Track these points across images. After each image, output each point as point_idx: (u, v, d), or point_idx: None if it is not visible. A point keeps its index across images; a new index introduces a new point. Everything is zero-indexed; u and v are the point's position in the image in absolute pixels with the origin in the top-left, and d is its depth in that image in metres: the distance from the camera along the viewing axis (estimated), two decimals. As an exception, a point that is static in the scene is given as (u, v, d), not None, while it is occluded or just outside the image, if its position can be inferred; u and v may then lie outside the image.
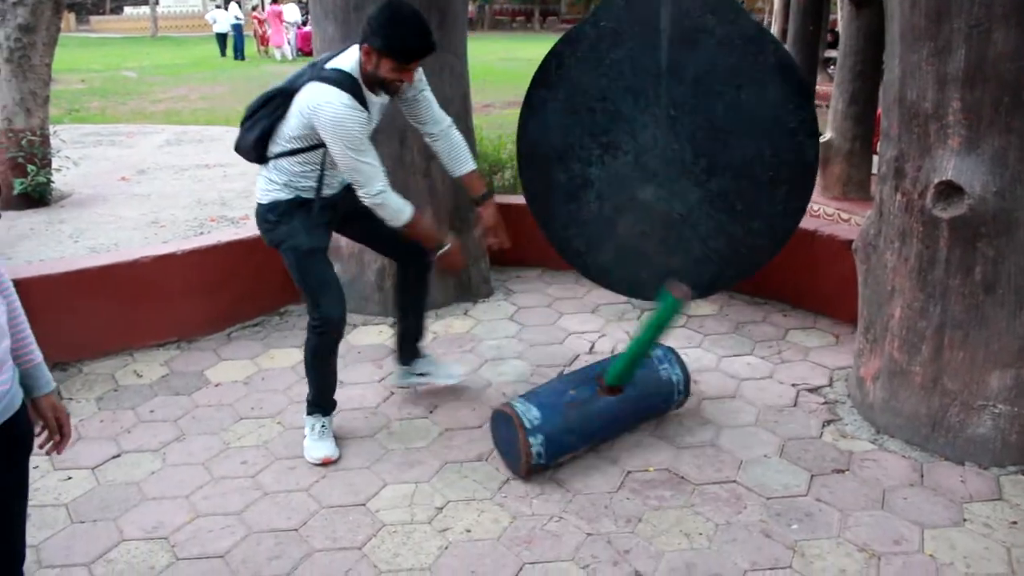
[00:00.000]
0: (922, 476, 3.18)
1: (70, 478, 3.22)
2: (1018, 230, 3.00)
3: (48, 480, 3.20)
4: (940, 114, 3.07)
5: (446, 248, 3.31)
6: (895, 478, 3.16)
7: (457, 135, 3.46)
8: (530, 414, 3.09)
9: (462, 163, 3.47)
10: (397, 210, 3.12)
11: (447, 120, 3.43)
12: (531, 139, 4.02)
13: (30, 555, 2.76)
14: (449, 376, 3.85)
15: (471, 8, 42.80)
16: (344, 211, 3.34)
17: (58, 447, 2.07)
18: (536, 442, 3.05)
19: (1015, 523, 2.88)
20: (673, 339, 4.44)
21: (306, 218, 3.22)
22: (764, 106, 3.55)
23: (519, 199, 5.75)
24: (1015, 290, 3.06)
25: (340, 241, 4.84)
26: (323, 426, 3.41)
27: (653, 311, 3.23)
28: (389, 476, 3.23)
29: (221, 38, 27.96)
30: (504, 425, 3.18)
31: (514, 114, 4.00)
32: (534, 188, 4.10)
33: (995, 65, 2.90)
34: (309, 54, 19.92)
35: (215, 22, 28.70)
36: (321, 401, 3.42)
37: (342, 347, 4.36)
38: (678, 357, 3.57)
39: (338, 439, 3.47)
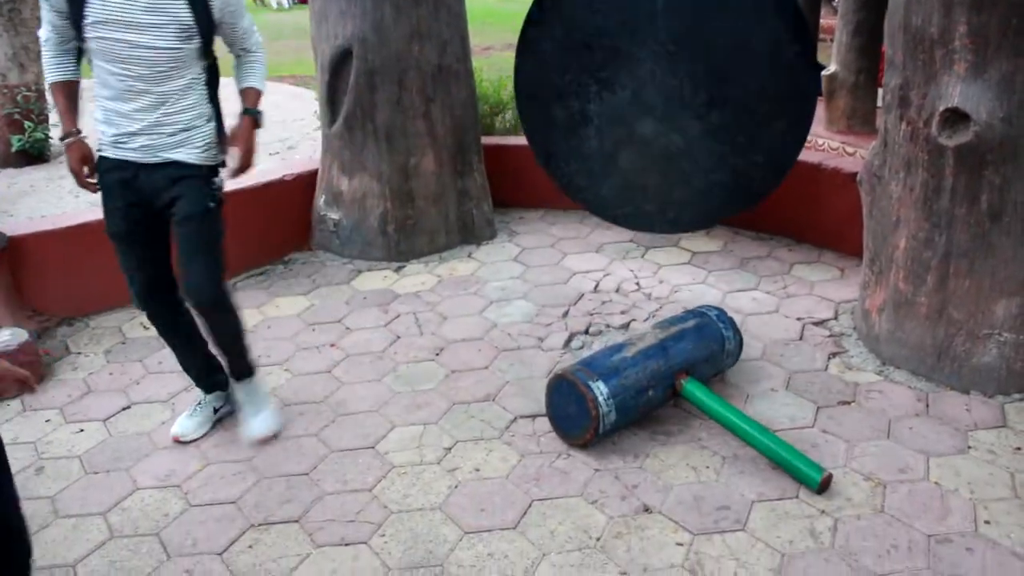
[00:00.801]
0: (927, 406, 3.19)
1: (82, 430, 3.25)
2: (1024, 156, 2.96)
3: (60, 433, 3.23)
4: (946, 39, 3.01)
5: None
6: (900, 408, 3.17)
7: (254, 60, 3.02)
8: (608, 419, 2.90)
9: (244, 80, 3.02)
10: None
11: (249, 45, 2.98)
12: (528, 76, 3.97)
13: (45, 506, 2.80)
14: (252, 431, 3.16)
15: (468, -52, 41.99)
16: (146, 200, 2.88)
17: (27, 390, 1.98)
18: (599, 435, 2.95)
19: (1019, 449, 2.90)
20: (678, 274, 4.45)
21: (101, 182, 2.91)
22: (762, 39, 3.48)
23: (521, 140, 5.71)
24: (1022, 218, 3.03)
25: (341, 185, 4.83)
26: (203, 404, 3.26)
27: (800, 458, 2.79)
28: (397, 418, 3.25)
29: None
30: (576, 405, 2.96)
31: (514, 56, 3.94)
32: (533, 125, 4.06)
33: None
34: (305, 2, 19.70)
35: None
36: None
37: (347, 292, 4.40)
38: (735, 327, 3.39)
39: (345, 383, 3.50)
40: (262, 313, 4.22)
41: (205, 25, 2.72)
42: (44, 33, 2.79)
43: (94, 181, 2.89)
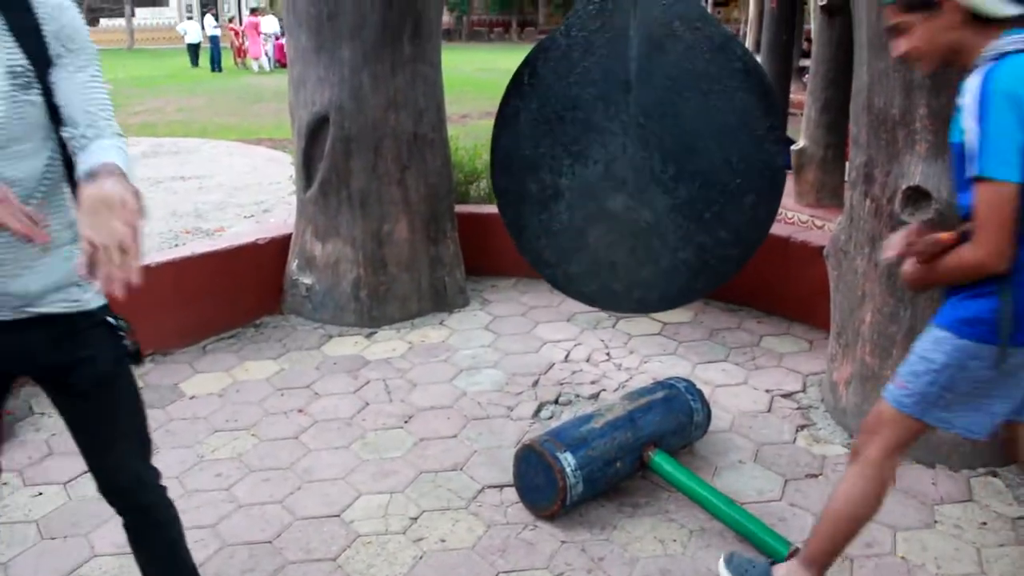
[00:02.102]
0: (894, 480, 3.19)
1: (41, 493, 3.19)
2: (985, 234, 3.03)
3: (18, 496, 3.17)
4: (907, 120, 3.10)
5: None
6: (868, 482, 3.18)
7: (109, 146, 1.70)
8: (575, 490, 2.88)
9: (96, 156, 1.66)
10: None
11: (98, 120, 1.75)
12: (504, 149, 4.04)
13: (-1, 571, 2.73)
14: None
15: (449, 19, 42.90)
16: (31, 369, 1.95)
17: None
18: (566, 507, 2.92)
19: (984, 524, 2.91)
20: (649, 345, 4.47)
21: None
22: (732, 113, 3.57)
23: (495, 208, 5.76)
24: (983, 294, 3.08)
25: (315, 250, 4.84)
26: None
27: (767, 532, 2.78)
28: (363, 486, 3.22)
29: (192, 49, 28.04)
30: (543, 475, 2.93)
31: (491, 124, 4.02)
32: (507, 199, 4.12)
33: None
34: (286, 65, 19.96)
35: (186, 33, 28.78)
36: None
37: (318, 357, 4.38)
38: (704, 398, 3.40)
39: (312, 449, 3.46)
40: (231, 376, 4.19)
41: (43, 65, 1.71)
42: None
43: None
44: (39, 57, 1.70)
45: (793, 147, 7.10)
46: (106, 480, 2.07)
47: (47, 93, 1.71)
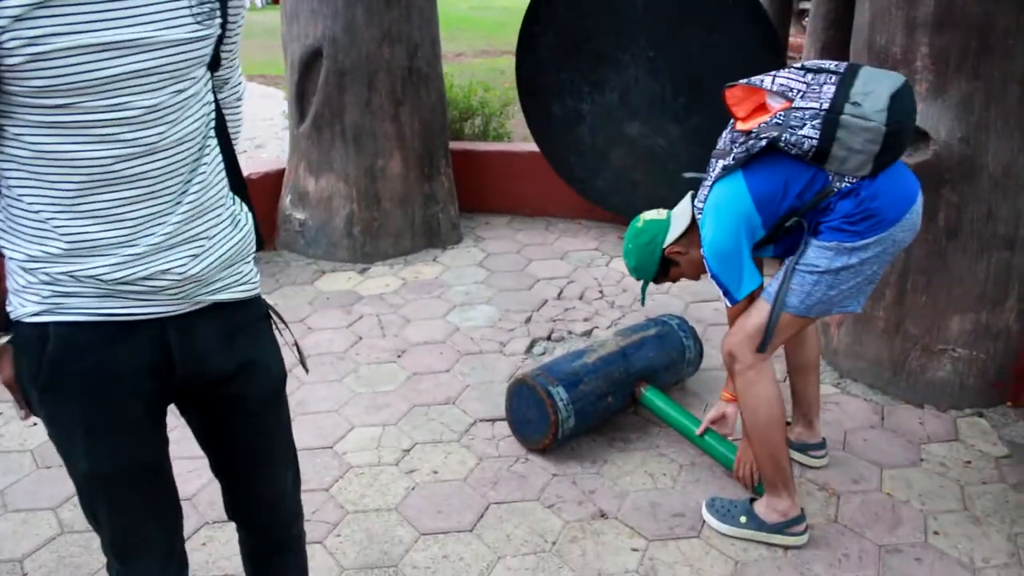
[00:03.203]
0: (883, 419, 3.23)
1: (35, 424, 3.20)
2: (981, 176, 3.02)
3: (12, 426, 3.18)
4: (908, 59, 3.06)
5: None
6: (856, 420, 3.22)
7: (237, 112, 1.66)
8: (567, 424, 2.90)
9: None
10: None
11: (236, 75, 1.61)
12: (527, 74, 4.10)
13: (-6, 497, 2.76)
14: None
15: (444, -45, 42.08)
16: (177, 388, 1.49)
17: None
18: (558, 439, 2.94)
19: (969, 463, 2.95)
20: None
21: (36, 378, 1.38)
22: (735, 47, 3.55)
23: (489, 146, 5.74)
24: (976, 235, 3.09)
25: (308, 185, 4.81)
26: None
27: (724, 445, 2.89)
28: (356, 419, 3.24)
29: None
30: (536, 409, 2.94)
31: (486, 63, 4.05)
32: (536, 120, 4.21)
33: (963, 9, 2.89)
34: (277, 2, 19.66)
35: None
36: None
37: (311, 292, 4.37)
38: (696, 336, 3.42)
39: (306, 383, 3.47)
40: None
41: None
42: None
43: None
44: None
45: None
46: (256, 510, 1.72)
47: (223, 15, 1.38)
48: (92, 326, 1.35)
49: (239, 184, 1.54)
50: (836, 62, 2.36)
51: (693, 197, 2.65)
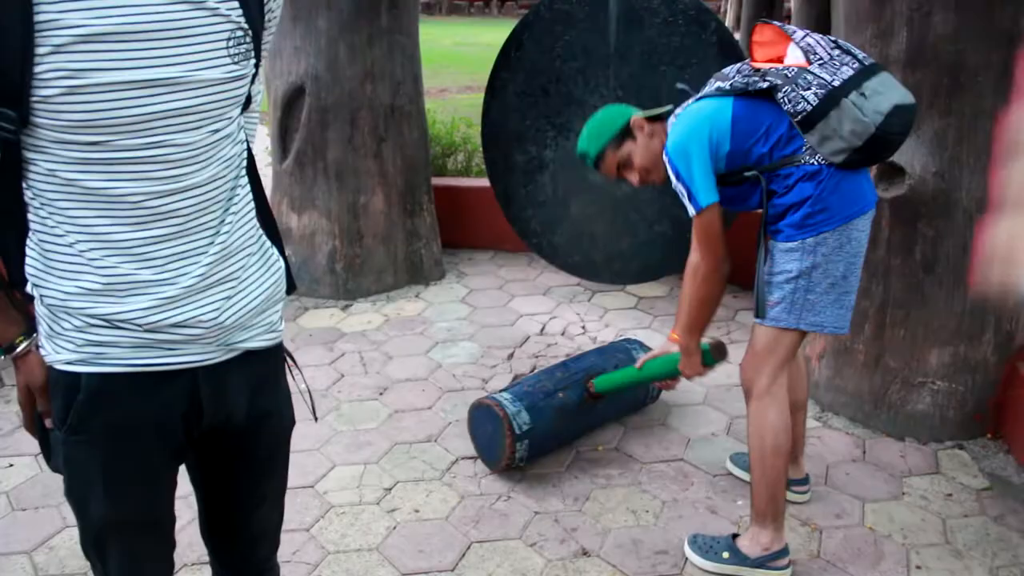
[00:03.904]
0: (864, 452, 3.24)
1: (11, 465, 3.17)
2: (956, 210, 3.06)
3: (-11, 466, 3.15)
4: (882, 96, 3.11)
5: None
6: (838, 454, 3.22)
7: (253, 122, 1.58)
8: (520, 418, 2.95)
9: None
10: None
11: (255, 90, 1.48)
12: (493, 121, 4.08)
13: (-31, 541, 2.71)
14: None
15: (428, -8, 42.47)
16: (198, 441, 1.47)
17: None
18: (521, 447, 2.97)
19: (950, 495, 2.95)
20: (623, 320, 4.48)
21: (64, 421, 1.36)
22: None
23: (472, 181, 5.77)
24: (953, 269, 3.12)
25: (291, 221, 4.81)
26: None
27: (663, 361, 2.87)
28: (338, 457, 3.22)
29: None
30: (489, 421, 3.02)
31: (470, 98, 4.05)
32: (496, 169, 4.17)
33: (935, 48, 2.94)
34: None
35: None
36: None
37: (293, 329, 4.36)
38: (643, 345, 3.50)
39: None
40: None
41: (258, 28, 1.36)
42: None
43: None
44: (256, 17, 1.34)
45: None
46: (237, 544, 1.69)
47: (257, 54, 1.37)
48: (125, 377, 1.33)
49: (271, 227, 1.52)
50: (865, 54, 2.41)
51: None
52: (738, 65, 2.51)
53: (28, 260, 1.31)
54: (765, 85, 2.36)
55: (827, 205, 2.35)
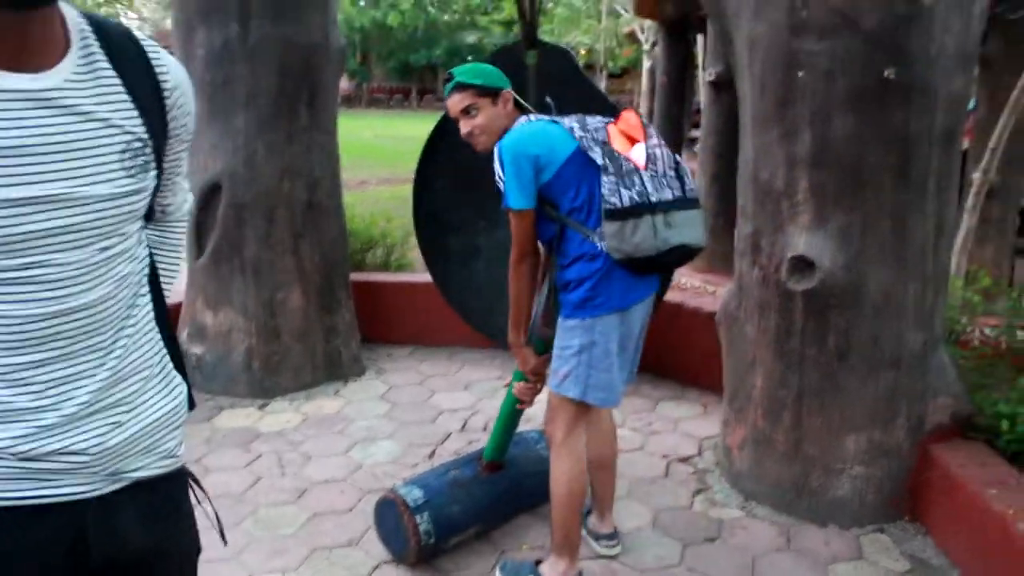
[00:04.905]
0: (788, 540, 3.25)
1: None
2: (865, 301, 3.16)
3: None
4: (790, 192, 3.23)
5: None
6: (763, 544, 3.23)
7: (177, 237, 1.64)
8: (413, 494, 2.97)
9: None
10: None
11: (179, 200, 1.57)
12: (425, 210, 4.17)
13: None
14: None
15: (349, 86, 42.99)
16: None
17: None
18: (423, 520, 2.92)
19: (875, 584, 2.98)
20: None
21: None
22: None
23: (391, 276, 5.76)
24: (864, 358, 3.21)
25: (206, 319, 4.71)
26: None
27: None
28: (256, 565, 3.09)
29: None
30: (388, 511, 3.01)
31: (389, 191, 4.10)
32: (432, 256, 4.25)
33: (836, 148, 3.08)
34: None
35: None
36: None
37: (207, 430, 4.22)
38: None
39: (202, 527, 3.30)
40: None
41: (160, 138, 1.30)
42: None
43: None
44: (158, 125, 1.28)
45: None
46: None
47: (159, 165, 1.30)
48: (1, 510, 1.20)
49: (173, 346, 1.42)
50: (694, 188, 2.66)
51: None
52: (598, 124, 2.70)
53: None
54: (600, 162, 2.57)
55: (601, 292, 2.61)
